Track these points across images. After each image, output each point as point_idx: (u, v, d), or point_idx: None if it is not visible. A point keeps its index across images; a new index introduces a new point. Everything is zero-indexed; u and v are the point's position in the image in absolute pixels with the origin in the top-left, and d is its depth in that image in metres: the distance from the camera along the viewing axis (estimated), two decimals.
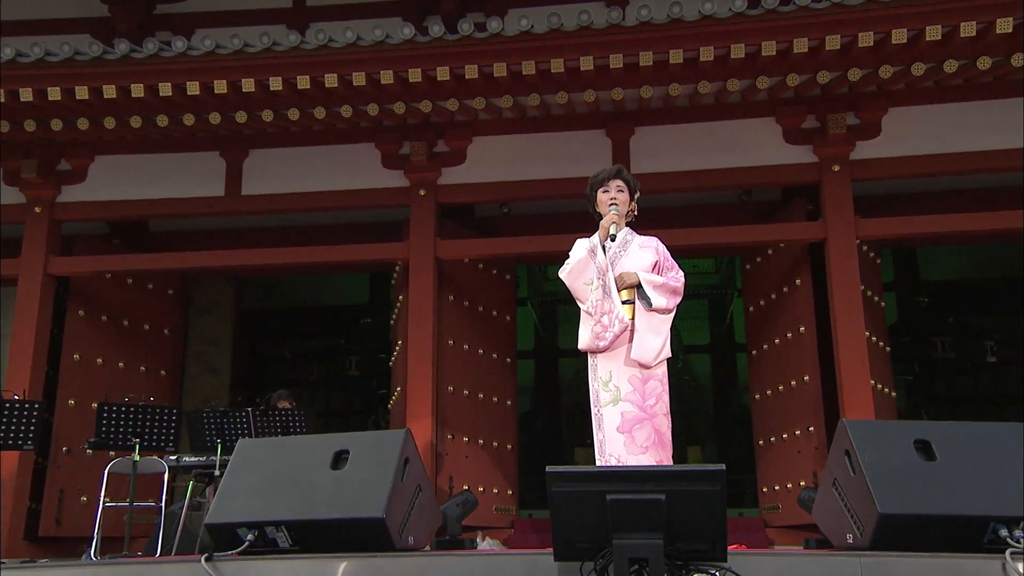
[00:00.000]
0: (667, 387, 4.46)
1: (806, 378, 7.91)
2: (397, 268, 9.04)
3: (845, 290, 7.61)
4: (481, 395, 8.50)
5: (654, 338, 4.38)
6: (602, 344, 4.40)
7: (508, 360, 8.92)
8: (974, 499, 3.05)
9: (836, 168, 7.85)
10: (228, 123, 7.93)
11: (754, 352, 8.69)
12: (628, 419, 4.29)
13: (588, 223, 8.84)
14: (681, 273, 4.67)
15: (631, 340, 4.39)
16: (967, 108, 7.84)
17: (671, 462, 4.36)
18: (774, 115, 8.06)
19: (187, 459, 6.60)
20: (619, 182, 4.66)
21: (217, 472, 6.34)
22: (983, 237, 8.46)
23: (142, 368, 9.29)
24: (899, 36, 6.84)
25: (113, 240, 9.62)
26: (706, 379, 12.63)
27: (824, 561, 3.02)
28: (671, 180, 8.17)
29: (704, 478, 2.83)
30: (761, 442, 8.40)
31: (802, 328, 7.99)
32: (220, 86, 7.40)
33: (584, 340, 4.49)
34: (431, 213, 8.30)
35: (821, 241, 7.84)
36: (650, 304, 4.42)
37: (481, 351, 8.62)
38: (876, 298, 8.31)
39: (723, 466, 2.85)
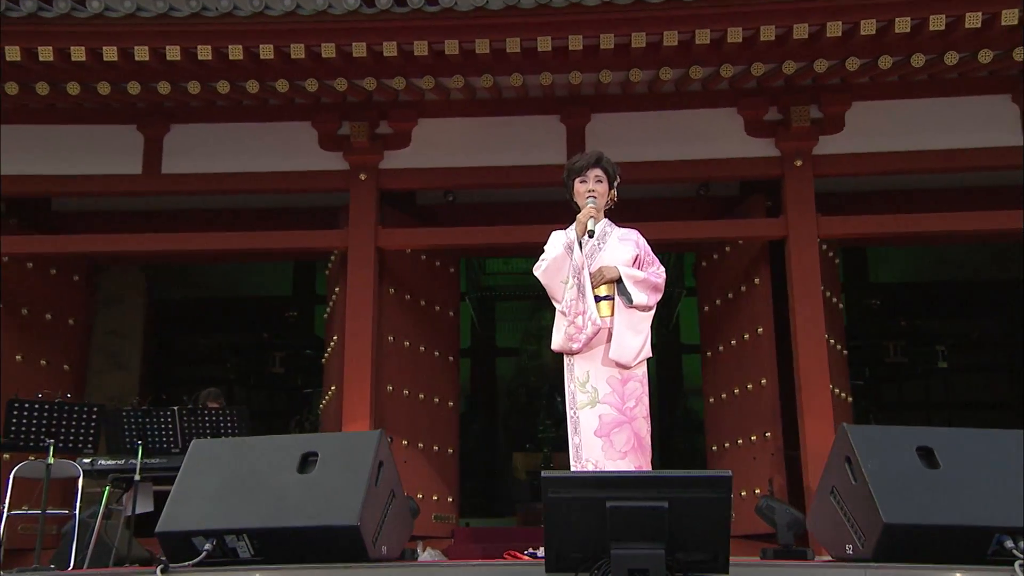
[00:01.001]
0: (647, 389, 4.46)
1: (763, 382, 8.03)
2: (333, 258, 8.91)
3: (806, 291, 7.75)
4: (422, 395, 8.42)
5: (634, 337, 4.38)
6: (575, 346, 4.38)
7: (451, 358, 8.86)
8: (978, 509, 3.11)
9: (798, 163, 7.99)
10: (149, 94, 7.68)
11: (709, 354, 8.80)
12: (606, 422, 4.28)
13: (539, 213, 8.89)
14: (662, 269, 4.67)
15: (609, 339, 4.36)
16: (932, 104, 8.05)
17: (650, 467, 4.36)
18: (736, 106, 8.16)
19: (103, 462, 6.35)
20: (598, 171, 4.64)
21: (138, 477, 6.14)
22: (942, 238, 8.72)
23: (43, 362, 8.94)
24: (868, 27, 6.98)
25: (10, 220, 9.23)
26: (650, 381, 12.69)
27: (830, 573, 3.05)
28: (628, 171, 7.90)
29: (709, 485, 2.83)
30: (715, 448, 8.51)
31: (760, 329, 8.12)
32: (141, 53, 7.14)
33: (557, 341, 4.47)
34: (372, 199, 8.19)
35: (781, 239, 7.97)
36: (630, 301, 4.41)
37: (423, 348, 8.54)
38: (835, 299, 8.49)
39: (729, 472, 2.85)
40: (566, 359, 4.50)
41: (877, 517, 3.04)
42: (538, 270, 4.58)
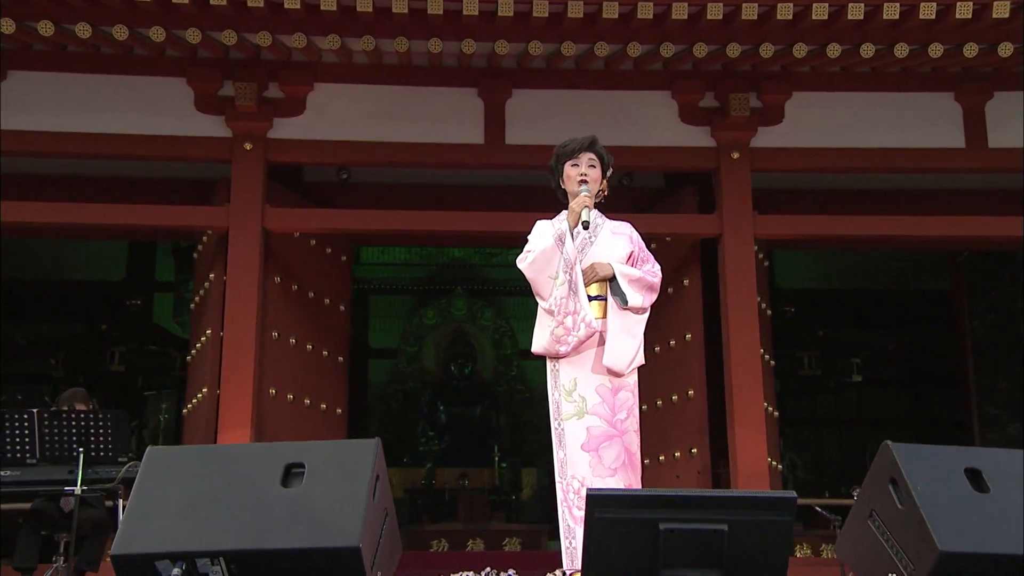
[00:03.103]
0: (638, 399, 4.44)
1: (691, 393, 8.17)
2: (204, 239, 8.54)
3: (740, 295, 7.92)
4: (308, 400, 8.18)
5: (628, 341, 4.35)
6: (563, 349, 4.33)
7: (340, 359, 8.66)
8: None
9: (735, 155, 8.16)
10: None
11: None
12: (595, 435, 4.24)
13: (447, 198, 8.78)
14: (658, 267, 4.67)
15: (600, 343, 4.33)
16: (874, 99, 8.35)
17: (640, 486, 4.34)
18: (670, 89, 8.26)
19: None
20: (591, 155, 4.59)
21: None
22: (884, 243, 9.09)
23: None
24: (819, 11, 7.16)
25: None
26: (540, 389, 12.77)
27: None
28: (546, 155, 8.12)
29: (772, 507, 2.82)
30: (647, 461, 8.56)
31: (688, 335, 8.25)
32: None
33: (541, 343, 4.41)
34: (259, 172, 7.89)
35: (714, 237, 8.13)
36: (625, 302, 4.38)
37: (310, 347, 8.31)
38: (764, 305, 8.72)
39: (794, 494, 2.85)
40: (549, 363, 4.44)
41: (930, 545, 3.10)
42: (523, 263, 4.49)
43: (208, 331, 8.08)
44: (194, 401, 8.28)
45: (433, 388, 12.27)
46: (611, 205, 8.67)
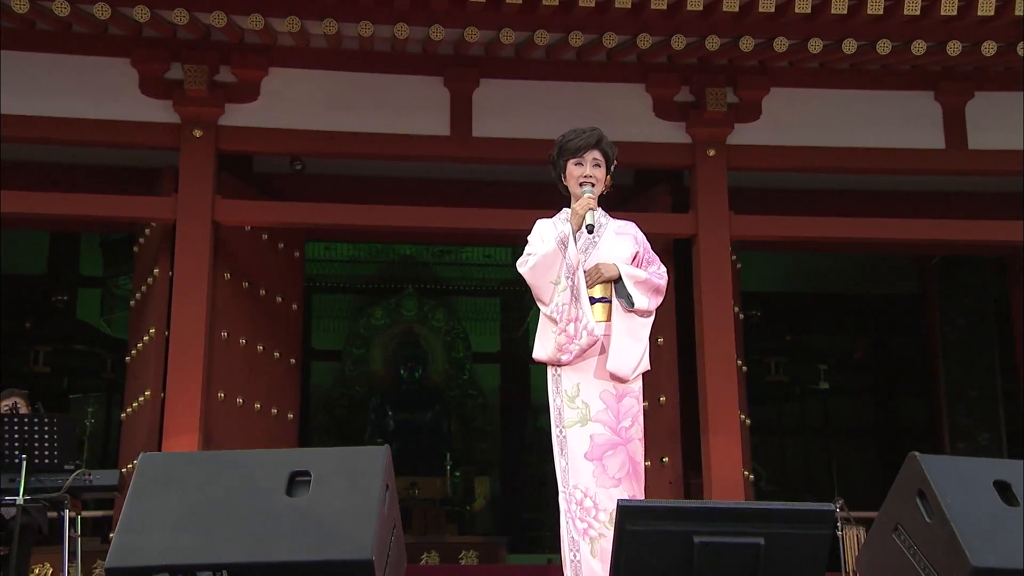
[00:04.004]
0: (642, 406, 4.44)
1: (662, 399, 8.21)
2: (147, 232, 8.39)
3: (715, 298, 7.97)
4: (259, 405, 8.08)
5: (634, 345, 4.35)
6: (565, 358, 4.33)
7: (292, 361, 8.57)
8: None
9: (711, 152, 8.21)
10: None
11: None
12: (599, 444, 4.23)
13: (408, 193, 8.72)
14: (663, 268, 4.67)
15: (603, 349, 4.32)
16: (853, 97, 8.45)
17: (644, 496, 4.35)
18: (645, 82, 8.29)
19: None
20: (597, 154, 4.57)
21: None
22: (866, 247, 9.24)
23: None
24: (803, 5, 7.26)
25: None
26: (494, 394, 12.82)
27: None
28: (517, 149, 8.19)
29: (810, 519, 2.84)
30: None
31: (660, 339, 8.27)
32: None
33: (544, 351, 4.39)
34: (209, 161, 7.77)
35: (688, 238, 8.18)
36: (631, 304, 4.38)
37: (261, 348, 8.20)
38: (736, 308, 8.79)
39: (832, 506, 2.87)
40: (551, 370, 4.43)
41: (963, 560, 3.13)
42: (523, 266, 4.47)
43: (152, 330, 7.93)
44: (134, 405, 8.13)
45: (381, 393, 12.16)
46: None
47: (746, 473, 8.03)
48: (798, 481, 11.80)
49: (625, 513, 2.84)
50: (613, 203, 8.81)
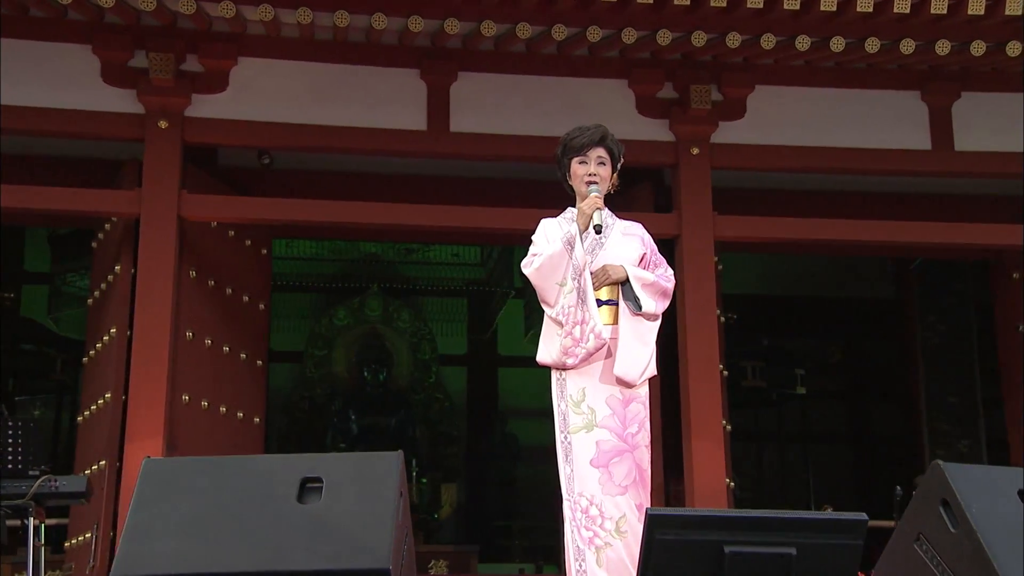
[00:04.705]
0: (649, 412, 4.48)
1: None
2: (107, 227, 8.31)
3: (698, 299, 8.01)
4: (224, 409, 8.04)
5: (641, 350, 4.39)
6: (571, 361, 4.34)
7: (259, 363, 8.54)
8: None
9: (695, 151, 8.27)
10: None
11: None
12: (605, 450, 4.26)
13: (381, 189, 8.70)
14: (671, 271, 4.71)
15: (609, 353, 4.35)
16: (838, 96, 8.53)
17: (650, 504, 4.38)
18: (627, 78, 8.34)
19: None
20: (601, 151, 4.59)
21: None
22: (837, 249, 9.34)
23: None
24: (791, 1, 7.33)
25: None
26: (461, 398, 12.81)
27: None
28: (494, 145, 8.21)
29: (843, 529, 2.89)
30: None
31: None
32: None
33: (549, 354, 4.40)
34: (175, 154, 7.70)
35: (672, 238, 8.22)
36: (639, 307, 4.41)
37: (227, 349, 8.15)
38: (717, 311, 8.86)
39: (865, 516, 2.92)
40: (555, 374, 4.44)
41: (990, 571, 3.17)
42: (528, 268, 4.48)
43: (112, 329, 7.85)
44: (92, 408, 8.05)
45: (343, 396, 12.08)
46: (557, 202, 8.76)
47: (728, 481, 8.11)
48: (774, 489, 11.92)
49: (654, 521, 2.87)
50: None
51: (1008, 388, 9.43)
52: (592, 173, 4.55)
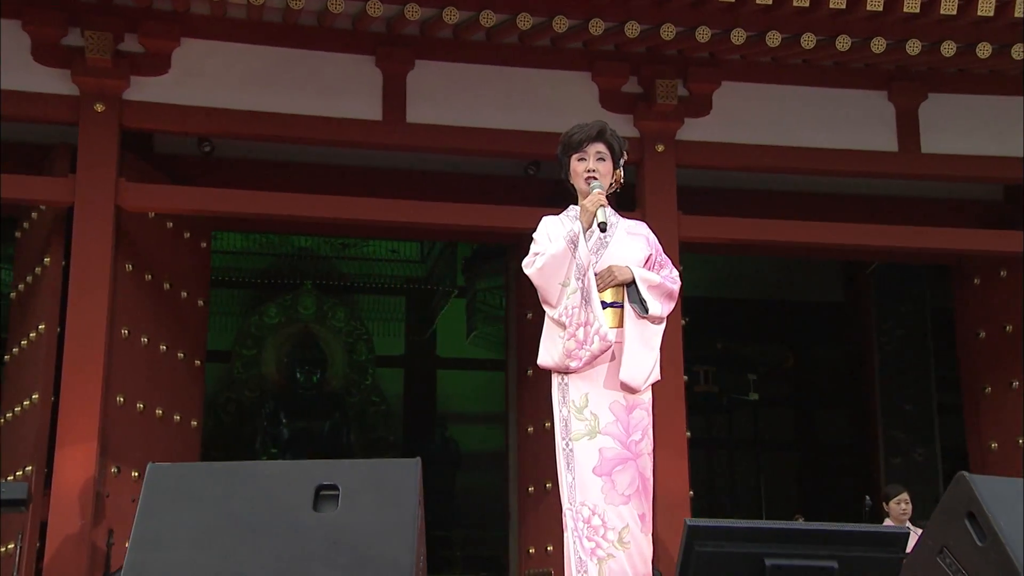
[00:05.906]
0: (652, 419, 4.47)
1: None
2: (34, 216, 8.10)
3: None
4: (160, 411, 7.86)
5: (646, 354, 4.37)
6: (574, 364, 4.31)
7: (197, 363, 8.36)
8: None
9: (660, 148, 8.31)
10: None
11: (529, 372, 8.88)
12: (608, 458, 4.24)
13: (332, 180, 8.60)
14: (676, 272, 4.70)
15: (614, 356, 4.34)
16: (805, 94, 8.68)
17: (652, 514, 4.39)
18: (591, 71, 8.35)
19: None
20: (599, 146, 4.56)
21: None
22: (817, 251, 9.46)
23: None
24: None
25: None
26: (397, 402, 12.74)
27: None
28: (450, 137, 8.17)
29: (885, 542, 2.92)
30: (531, 489, 8.58)
31: None
32: None
33: (551, 357, 4.36)
34: (112, 139, 7.55)
35: None
36: (645, 310, 4.40)
37: (164, 347, 7.98)
38: (682, 318, 8.90)
39: (906, 529, 2.94)
40: (556, 377, 4.41)
41: None
42: (530, 267, 4.44)
43: (41, 326, 7.63)
44: (16, 410, 7.82)
45: (275, 398, 11.92)
46: (514, 198, 8.75)
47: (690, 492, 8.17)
48: (725, 497, 12.03)
49: (694, 533, 2.89)
50: (551, 198, 8.91)
51: (969, 395, 9.60)
52: (591, 169, 4.53)
